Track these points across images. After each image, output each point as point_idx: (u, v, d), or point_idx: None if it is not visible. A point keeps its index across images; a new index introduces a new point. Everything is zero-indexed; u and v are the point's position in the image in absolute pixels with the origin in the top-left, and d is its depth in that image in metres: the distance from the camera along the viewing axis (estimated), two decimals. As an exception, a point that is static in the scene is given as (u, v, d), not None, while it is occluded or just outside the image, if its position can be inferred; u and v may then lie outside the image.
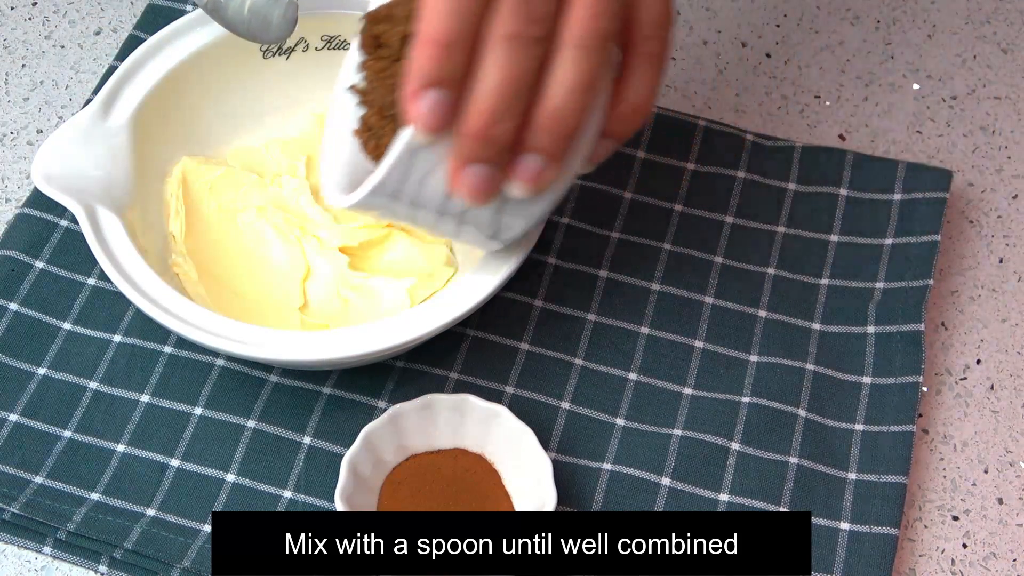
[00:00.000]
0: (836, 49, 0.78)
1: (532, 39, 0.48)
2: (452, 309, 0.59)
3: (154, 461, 0.62)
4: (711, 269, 0.68)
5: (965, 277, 0.70)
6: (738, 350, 0.66)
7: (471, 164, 0.51)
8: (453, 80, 0.49)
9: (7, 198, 0.71)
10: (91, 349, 0.65)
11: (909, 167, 0.71)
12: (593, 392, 0.65)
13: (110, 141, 0.63)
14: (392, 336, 0.58)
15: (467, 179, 0.51)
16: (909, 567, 0.61)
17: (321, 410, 0.63)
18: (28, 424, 0.63)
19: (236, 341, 0.58)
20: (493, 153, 0.51)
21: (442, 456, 0.61)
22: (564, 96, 0.50)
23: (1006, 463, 0.64)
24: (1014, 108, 0.76)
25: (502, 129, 0.50)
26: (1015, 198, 0.73)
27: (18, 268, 0.67)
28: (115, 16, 0.79)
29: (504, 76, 0.49)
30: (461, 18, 0.48)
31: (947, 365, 0.67)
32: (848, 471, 0.62)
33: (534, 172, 0.52)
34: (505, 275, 0.60)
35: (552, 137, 0.51)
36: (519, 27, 0.48)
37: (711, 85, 0.77)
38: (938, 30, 0.79)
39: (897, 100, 0.76)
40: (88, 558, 0.60)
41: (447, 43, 0.48)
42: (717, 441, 0.63)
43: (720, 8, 0.80)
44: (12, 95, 0.75)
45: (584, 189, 0.71)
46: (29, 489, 0.61)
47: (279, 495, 0.61)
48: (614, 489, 0.62)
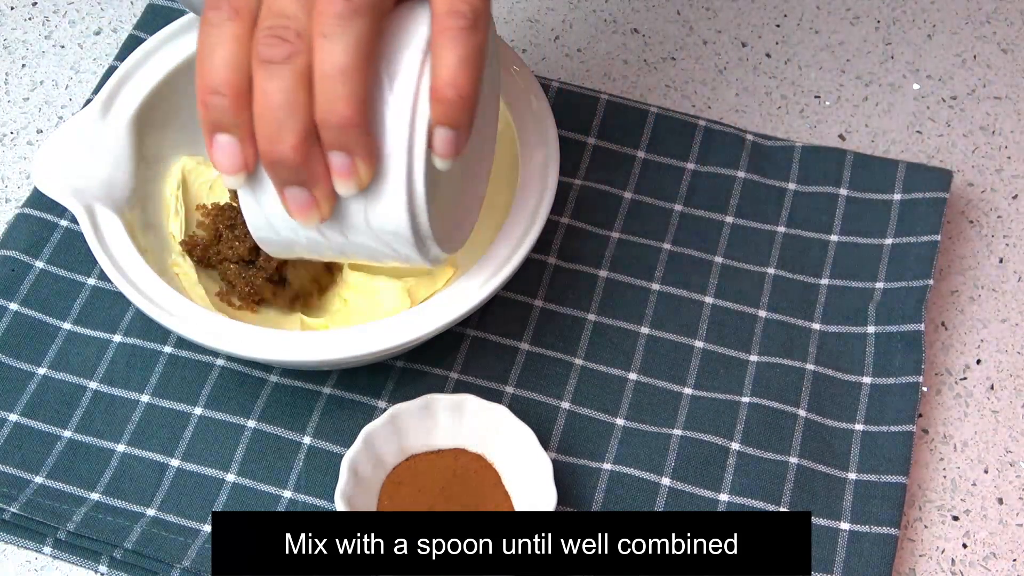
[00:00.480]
0: (836, 49, 0.78)
1: (283, 56, 0.49)
2: (452, 309, 0.59)
3: (154, 461, 0.62)
4: (711, 269, 0.68)
5: (965, 277, 0.70)
6: (738, 350, 0.66)
7: (286, 188, 0.52)
8: (233, 122, 0.51)
9: (7, 198, 0.71)
10: (91, 349, 0.65)
11: (909, 167, 0.71)
12: (593, 392, 0.65)
13: (110, 141, 0.63)
14: (392, 336, 0.58)
15: (289, 203, 0.52)
16: (909, 567, 0.61)
17: (321, 410, 0.63)
18: (28, 424, 0.63)
19: (236, 341, 0.58)
20: (291, 172, 0.51)
21: (442, 456, 0.61)
22: (331, 87, 0.50)
23: (1006, 463, 0.64)
24: (1014, 108, 0.76)
25: (286, 147, 0.50)
26: (1015, 198, 0.73)
27: (18, 268, 0.67)
28: (115, 16, 0.79)
29: (267, 100, 0.50)
30: (224, 61, 0.50)
31: (947, 365, 0.67)
32: (848, 471, 0.62)
33: (343, 169, 0.51)
34: (505, 275, 0.60)
35: (339, 130, 0.50)
36: (267, 50, 0.49)
37: (711, 85, 0.77)
38: (938, 30, 0.79)
39: (897, 100, 0.76)
40: (88, 558, 0.60)
41: (214, 88, 0.50)
42: (717, 441, 0.63)
43: (720, 8, 0.80)
44: (12, 95, 0.75)
45: (584, 189, 0.71)
46: (29, 489, 0.61)
47: (279, 495, 0.61)
48: (614, 489, 0.62)
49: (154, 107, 0.65)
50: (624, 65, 0.77)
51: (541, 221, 0.61)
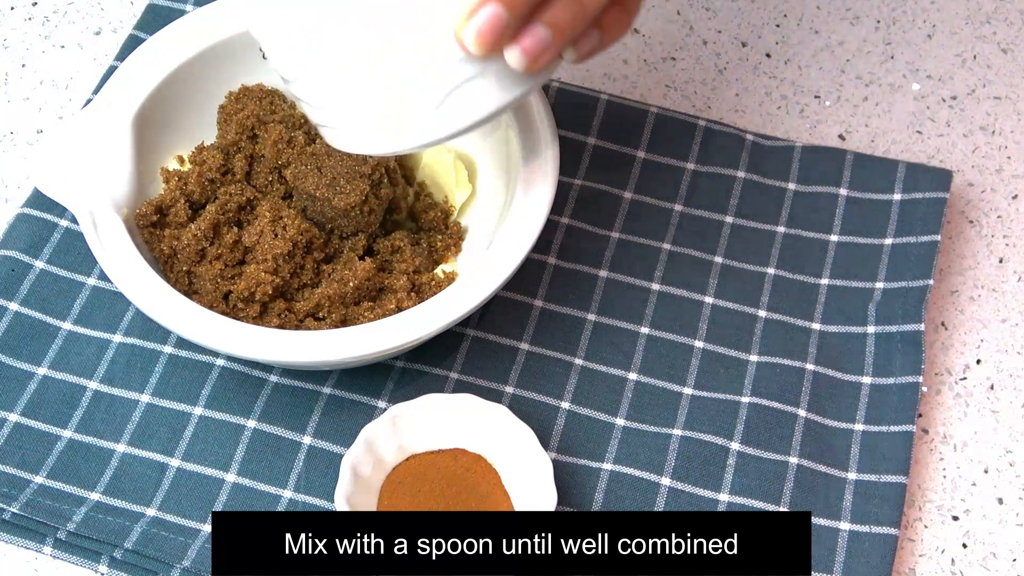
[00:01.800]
0: (836, 49, 0.78)
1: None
2: (452, 311, 0.59)
3: (154, 461, 0.62)
4: (711, 269, 0.68)
5: (965, 277, 0.70)
6: (738, 350, 0.66)
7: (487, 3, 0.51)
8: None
9: (7, 198, 0.71)
10: (91, 349, 0.65)
11: (909, 167, 0.71)
12: (593, 392, 0.65)
13: (110, 141, 0.63)
14: (392, 337, 0.58)
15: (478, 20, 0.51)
16: (909, 567, 0.61)
17: (321, 410, 0.64)
18: (28, 424, 0.63)
19: (235, 341, 0.58)
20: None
21: (442, 456, 0.61)
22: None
23: (1006, 463, 0.64)
24: (1014, 108, 0.76)
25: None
26: (1015, 198, 0.73)
27: (18, 268, 0.67)
28: (115, 16, 0.79)
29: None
30: None
31: (947, 365, 0.67)
32: (848, 471, 0.62)
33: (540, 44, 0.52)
34: (506, 275, 0.60)
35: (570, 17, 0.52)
36: None
37: (711, 85, 0.77)
38: (938, 30, 0.79)
39: (897, 100, 0.76)
40: (88, 558, 0.60)
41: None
42: (717, 441, 0.63)
43: (720, 8, 0.80)
44: (12, 95, 0.75)
45: (584, 189, 0.71)
46: (29, 489, 0.61)
47: (279, 495, 0.61)
48: (614, 489, 0.62)
49: (155, 107, 0.65)
50: (624, 65, 0.77)
51: (541, 221, 0.61)
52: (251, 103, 0.67)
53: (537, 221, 0.61)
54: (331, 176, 0.63)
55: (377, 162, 0.64)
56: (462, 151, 0.68)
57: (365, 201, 0.63)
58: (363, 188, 0.63)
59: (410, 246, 0.65)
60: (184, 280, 0.63)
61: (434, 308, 0.59)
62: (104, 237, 0.60)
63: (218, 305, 0.62)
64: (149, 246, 0.63)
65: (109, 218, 0.61)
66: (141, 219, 0.63)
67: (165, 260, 0.63)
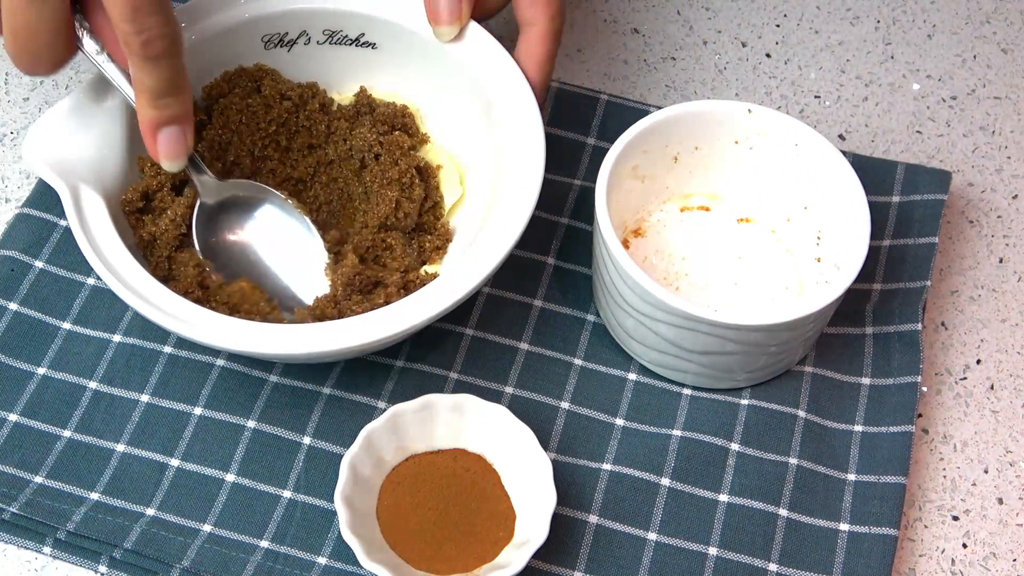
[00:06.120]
0: (836, 49, 0.78)
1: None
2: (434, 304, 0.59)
3: (154, 461, 0.62)
4: (711, 269, 0.68)
5: (965, 277, 0.70)
6: (738, 350, 0.66)
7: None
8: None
9: (7, 198, 0.71)
10: (90, 349, 0.65)
11: (908, 168, 0.71)
12: (593, 392, 0.65)
13: (103, 121, 0.63)
14: (383, 328, 0.58)
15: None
16: (909, 567, 0.61)
17: (321, 410, 0.63)
18: (28, 424, 0.63)
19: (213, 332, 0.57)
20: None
21: (442, 456, 0.61)
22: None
23: (1006, 463, 0.64)
24: (1014, 108, 0.76)
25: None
26: (1015, 198, 0.73)
27: (18, 268, 0.67)
28: (115, 16, 0.78)
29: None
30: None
31: (947, 365, 0.67)
32: (847, 472, 0.62)
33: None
34: (496, 263, 0.60)
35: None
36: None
37: (711, 85, 0.77)
38: (938, 30, 0.79)
39: (897, 100, 0.76)
40: (88, 558, 0.60)
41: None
42: (717, 442, 0.63)
43: (720, 8, 0.80)
44: (12, 95, 0.75)
45: (584, 189, 0.71)
46: (29, 489, 0.61)
47: (279, 495, 0.61)
48: (614, 489, 0.62)
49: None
50: (624, 65, 0.77)
51: (526, 217, 0.61)
52: (239, 86, 0.67)
53: (521, 217, 0.61)
54: (362, 189, 0.65)
55: (408, 165, 0.65)
56: (453, 154, 0.68)
57: (398, 207, 0.65)
58: (392, 196, 0.65)
59: (402, 245, 0.65)
60: (164, 266, 0.63)
61: (417, 303, 0.59)
62: (86, 218, 0.60)
63: (194, 291, 0.62)
64: (135, 232, 0.63)
65: (94, 200, 0.61)
66: (127, 204, 0.63)
67: (145, 246, 0.63)
